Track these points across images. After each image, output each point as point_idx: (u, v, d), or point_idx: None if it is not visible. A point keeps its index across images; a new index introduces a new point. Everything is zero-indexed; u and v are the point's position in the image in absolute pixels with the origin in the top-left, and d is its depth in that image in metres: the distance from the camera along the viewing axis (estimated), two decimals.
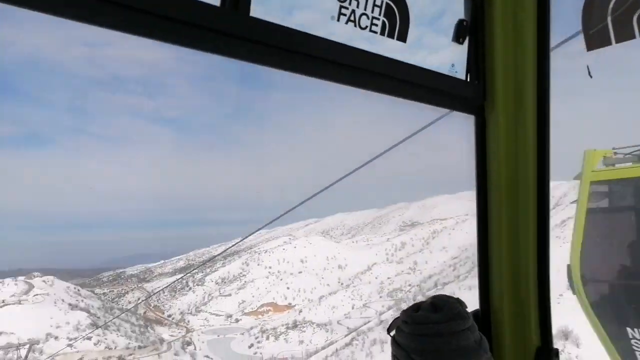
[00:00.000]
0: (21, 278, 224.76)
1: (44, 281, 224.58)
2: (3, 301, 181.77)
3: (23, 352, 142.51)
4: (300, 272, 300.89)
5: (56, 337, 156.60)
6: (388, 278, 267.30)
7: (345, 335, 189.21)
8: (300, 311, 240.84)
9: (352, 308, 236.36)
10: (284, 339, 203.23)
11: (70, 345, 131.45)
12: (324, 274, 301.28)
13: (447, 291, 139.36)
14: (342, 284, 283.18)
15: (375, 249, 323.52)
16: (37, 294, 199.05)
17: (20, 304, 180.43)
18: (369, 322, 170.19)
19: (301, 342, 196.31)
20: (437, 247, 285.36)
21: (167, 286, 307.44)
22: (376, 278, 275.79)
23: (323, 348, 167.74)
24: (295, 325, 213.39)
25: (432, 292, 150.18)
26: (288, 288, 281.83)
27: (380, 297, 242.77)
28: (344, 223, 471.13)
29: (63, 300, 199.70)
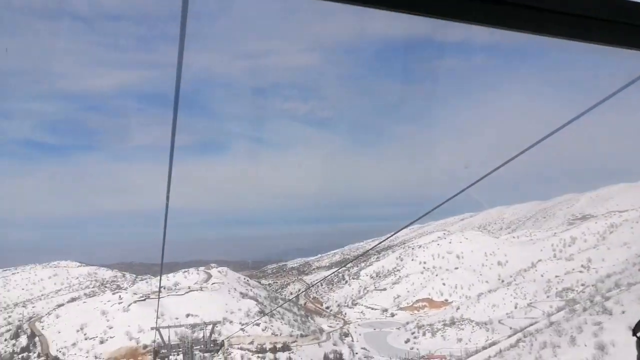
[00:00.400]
0: (202, 268, 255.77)
1: (219, 271, 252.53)
2: (189, 287, 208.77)
3: (207, 332, 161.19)
4: (456, 268, 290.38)
5: (231, 322, 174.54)
6: (556, 276, 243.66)
7: (509, 336, 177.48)
8: (458, 308, 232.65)
9: (515, 307, 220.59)
10: (441, 335, 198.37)
11: (242, 329, 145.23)
12: (482, 270, 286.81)
13: (633, 293, 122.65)
14: (502, 281, 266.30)
15: (539, 245, 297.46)
16: (214, 283, 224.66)
17: (201, 290, 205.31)
18: (535, 323, 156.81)
19: (459, 340, 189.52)
20: (616, 243, 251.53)
21: (324, 279, 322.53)
22: (542, 276, 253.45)
23: (484, 348, 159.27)
24: (452, 323, 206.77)
25: (614, 294, 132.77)
26: (444, 284, 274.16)
27: (548, 296, 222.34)
28: (503, 217, 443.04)
29: (235, 289, 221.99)
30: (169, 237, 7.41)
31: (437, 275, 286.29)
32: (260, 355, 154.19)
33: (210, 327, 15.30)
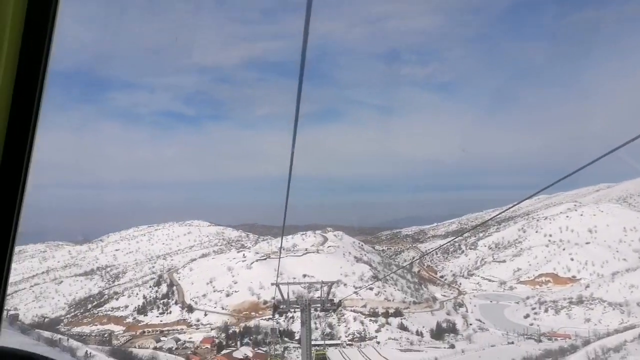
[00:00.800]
0: (318, 232, 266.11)
1: (335, 235, 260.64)
2: (306, 249, 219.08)
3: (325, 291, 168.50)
4: (587, 243, 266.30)
5: (345, 284, 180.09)
6: None
7: None
8: (587, 286, 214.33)
9: None
10: (566, 314, 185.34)
11: (355, 292, 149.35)
12: (619, 246, 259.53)
13: None
14: None
15: None
16: (330, 246, 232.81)
17: (318, 253, 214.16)
18: None
19: (587, 320, 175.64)
20: None
21: (439, 248, 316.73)
22: None
23: (617, 331, 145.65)
24: (580, 301, 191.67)
25: None
26: (572, 259, 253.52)
27: None
28: None
29: (350, 253, 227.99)
30: (289, 201, 7.67)
31: (564, 249, 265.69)
32: (372, 318, 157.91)
33: (328, 286, 15.93)
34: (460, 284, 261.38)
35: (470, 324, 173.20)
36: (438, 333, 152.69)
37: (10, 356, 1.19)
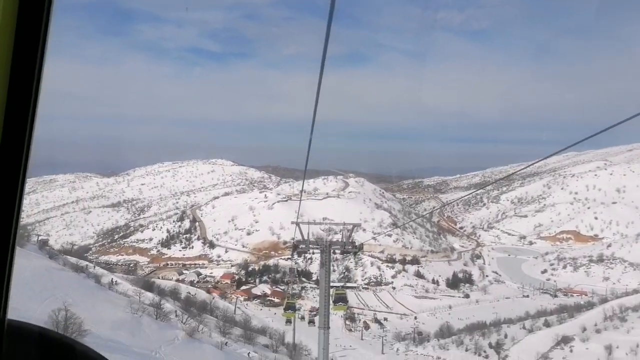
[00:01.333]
0: (340, 177, 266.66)
1: (356, 181, 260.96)
2: (327, 194, 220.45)
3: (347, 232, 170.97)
4: (614, 203, 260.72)
5: (364, 230, 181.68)
6: None
7: None
8: (609, 245, 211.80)
9: None
10: (585, 271, 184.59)
11: (374, 238, 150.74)
12: None
13: None
14: None
15: None
16: (351, 191, 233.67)
17: (338, 197, 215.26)
18: None
19: (606, 278, 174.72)
20: None
21: (461, 199, 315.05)
22: None
23: (636, 291, 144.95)
24: (600, 260, 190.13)
25: None
26: (596, 218, 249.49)
27: None
28: None
29: (370, 200, 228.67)
30: (312, 145, 7.68)
31: (589, 208, 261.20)
32: (389, 264, 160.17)
33: (350, 228, 15.30)
34: (480, 236, 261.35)
35: (487, 276, 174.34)
36: (454, 282, 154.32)
37: (21, 330, 1.23)
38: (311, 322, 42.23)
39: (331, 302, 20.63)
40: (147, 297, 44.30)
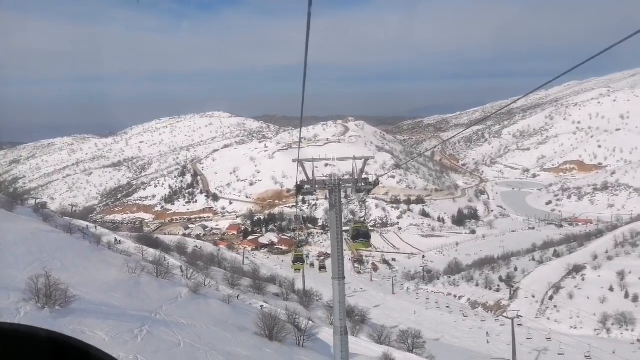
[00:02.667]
0: (339, 122, 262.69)
1: (356, 125, 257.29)
2: (327, 139, 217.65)
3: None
4: (617, 130, 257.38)
5: (367, 173, 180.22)
6: None
7: None
8: (613, 173, 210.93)
9: None
10: (589, 200, 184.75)
11: (377, 180, 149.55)
12: None
13: None
14: None
15: None
16: (351, 136, 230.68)
17: (339, 142, 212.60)
18: None
19: (611, 206, 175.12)
20: None
21: (459, 133, 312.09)
22: None
23: None
24: (605, 187, 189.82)
25: None
26: (599, 146, 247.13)
27: None
28: None
29: (371, 143, 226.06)
30: (309, 92, 7.18)
31: (592, 136, 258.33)
32: (394, 205, 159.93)
33: (363, 160, 12.83)
34: (483, 172, 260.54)
35: (492, 211, 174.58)
36: (459, 219, 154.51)
37: (10, 332, 1.16)
38: (322, 268, 41.41)
39: (349, 238, 18.97)
40: (150, 254, 43.03)
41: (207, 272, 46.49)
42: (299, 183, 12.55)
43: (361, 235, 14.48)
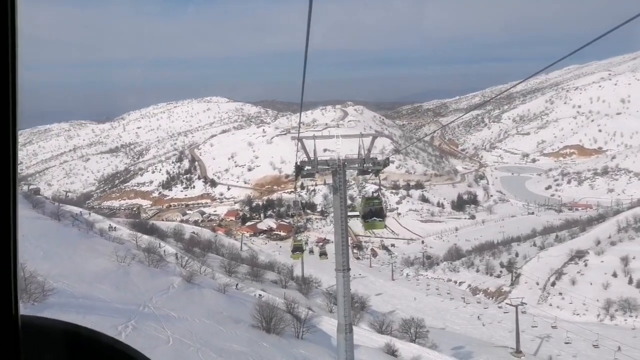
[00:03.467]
0: (338, 106, 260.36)
1: (355, 110, 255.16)
2: (326, 124, 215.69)
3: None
4: (618, 114, 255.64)
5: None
6: None
7: None
8: (614, 157, 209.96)
9: None
10: (589, 184, 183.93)
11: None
12: None
13: None
14: None
15: None
16: (350, 120, 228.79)
17: (338, 127, 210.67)
18: None
19: (611, 190, 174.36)
20: None
21: (458, 118, 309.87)
22: None
23: None
24: (605, 172, 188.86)
25: None
26: (600, 131, 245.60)
27: None
28: None
29: (370, 127, 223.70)
30: (308, 78, 7.26)
31: (592, 120, 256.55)
32: (393, 190, 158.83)
33: (372, 137, 11.30)
34: (482, 156, 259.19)
35: (491, 196, 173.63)
36: (459, 204, 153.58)
37: (37, 326, 1.15)
38: (323, 254, 39.91)
39: (359, 217, 17.62)
40: (145, 241, 41.88)
41: (204, 259, 45.43)
42: (298, 163, 11.28)
43: (374, 213, 12.95)
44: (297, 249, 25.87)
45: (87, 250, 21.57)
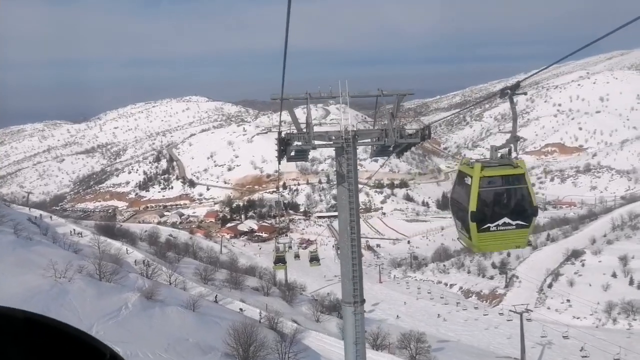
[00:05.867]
0: (320, 105, 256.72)
1: (337, 108, 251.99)
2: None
3: (325, 165, 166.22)
4: (597, 112, 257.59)
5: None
6: None
7: None
8: (595, 155, 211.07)
9: None
10: (572, 182, 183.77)
11: (361, 165, 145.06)
12: (630, 114, 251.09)
13: None
14: None
15: None
16: (332, 119, 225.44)
17: (320, 125, 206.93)
18: None
19: (594, 187, 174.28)
20: None
21: (443, 119, 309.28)
22: None
23: (623, 198, 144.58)
24: (587, 170, 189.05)
25: None
26: (580, 129, 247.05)
27: None
28: None
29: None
30: (288, 77, 7.11)
31: (573, 118, 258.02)
32: (377, 190, 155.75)
33: (398, 96, 7.44)
34: (465, 155, 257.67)
35: None
36: (444, 203, 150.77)
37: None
38: (314, 260, 34.81)
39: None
40: (111, 247, 37.36)
41: (177, 265, 41.14)
42: (283, 137, 7.46)
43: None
44: (280, 261, 22.53)
45: (15, 264, 17.26)
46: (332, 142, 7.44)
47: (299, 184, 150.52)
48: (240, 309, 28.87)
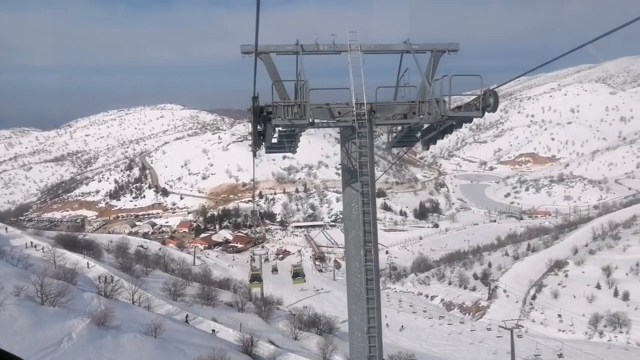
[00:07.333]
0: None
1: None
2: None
3: (302, 174, 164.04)
4: (569, 123, 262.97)
5: (326, 165, 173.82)
6: None
7: (626, 197, 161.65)
8: (567, 165, 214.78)
9: (638, 167, 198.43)
10: (547, 192, 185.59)
11: (337, 174, 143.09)
12: (600, 126, 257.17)
13: None
14: (624, 138, 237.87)
15: None
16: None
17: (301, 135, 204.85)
18: None
19: (567, 197, 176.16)
20: None
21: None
22: None
23: (596, 207, 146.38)
24: (561, 179, 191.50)
25: None
26: (553, 139, 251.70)
27: None
28: (629, 69, 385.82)
29: (330, 135, 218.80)
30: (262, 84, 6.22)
31: (545, 129, 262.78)
32: None
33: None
34: (441, 164, 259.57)
35: (453, 204, 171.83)
36: (421, 213, 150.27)
37: None
38: (297, 276, 31.94)
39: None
40: (69, 261, 34.07)
41: (142, 281, 37.91)
42: (264, 107, 5.12)
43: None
44: (255, 279, 20.30)
45: None
46: (336, 121, 5.10)
47: (275, 193, 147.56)
48: (213, 330, 26.10)
